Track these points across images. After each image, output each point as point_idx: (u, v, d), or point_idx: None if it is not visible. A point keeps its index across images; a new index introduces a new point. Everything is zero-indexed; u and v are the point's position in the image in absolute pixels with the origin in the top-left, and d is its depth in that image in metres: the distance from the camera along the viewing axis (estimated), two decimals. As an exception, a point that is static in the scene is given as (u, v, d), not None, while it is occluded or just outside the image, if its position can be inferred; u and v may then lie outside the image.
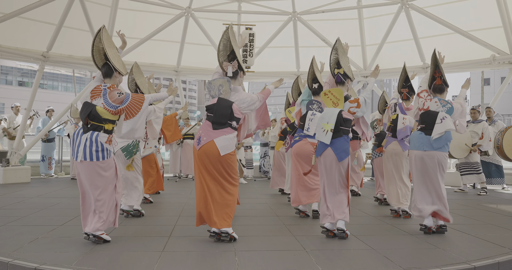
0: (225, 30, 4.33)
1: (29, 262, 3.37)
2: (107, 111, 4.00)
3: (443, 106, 4.59)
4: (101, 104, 4.00)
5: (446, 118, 4.52)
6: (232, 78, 4.29)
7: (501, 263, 3.59)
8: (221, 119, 4.13)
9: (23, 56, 9.89)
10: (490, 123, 8.85)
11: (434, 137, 4.54)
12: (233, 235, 4.13)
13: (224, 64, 4.30)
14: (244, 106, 4.26)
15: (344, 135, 4.38)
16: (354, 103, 4.45)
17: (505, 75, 20.89)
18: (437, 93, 4.74)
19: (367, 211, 6.08)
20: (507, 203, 6.98)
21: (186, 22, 11.56)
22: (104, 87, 4.05)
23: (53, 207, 6.08)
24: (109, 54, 4.09)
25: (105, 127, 4.03)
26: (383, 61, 11.86)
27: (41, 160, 10.44)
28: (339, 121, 4.34)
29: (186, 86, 75.15)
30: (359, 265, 3.45)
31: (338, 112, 4.36)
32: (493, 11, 9.66)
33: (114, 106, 4.01)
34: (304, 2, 11.60)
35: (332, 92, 4.45)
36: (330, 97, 4.46)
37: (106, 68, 4.13)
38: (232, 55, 4.33)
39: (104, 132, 4.03)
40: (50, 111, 10.74)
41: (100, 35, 4.08)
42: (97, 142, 3.97)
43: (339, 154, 4.32)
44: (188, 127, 10.64)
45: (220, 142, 4.07)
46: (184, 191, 8.24)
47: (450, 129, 4.50)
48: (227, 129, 4.14)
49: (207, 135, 4.13)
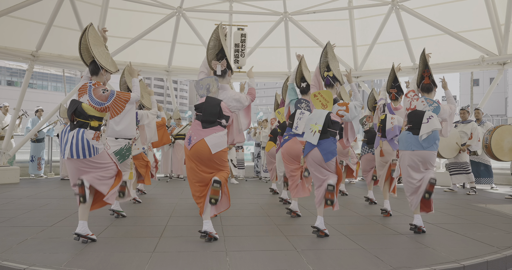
0: (215, 29, 4.36)
1: (18, 264, 3.33)
2: (92, 107, 4.00)
3: (429, 105, 4.65)
4: (87, 101, 4.01)
5: (433, 117, 4.56)
6: (221, 76, 4.32)
7: (490, 262, 3.63)
8: (210, 117, 4.14)
9: (12, 55, 9.79)
10: (479, 124, 8.93)
11: (423, 137, 4.59)
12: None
13: (213, 63, 4.32)
14: (232, 105, 4.29)
15: (331, 137, 4.43)
16: (343, 106, 4.50)
17: (493, 76, 21.13)
18: (425, 93, 4.80)
19: (358, 211, 6.11)
20: (496, 203, 7.06)
21: (177, 22, 11.54)
22: (89, 84, 4.07)
23: (42, 208, 6.03)
24: (95, 52, 4.10)
25: (91, 124, 4.02)
26: (374, 62, 11.96)
27: (30, 161, 10.33)
28: (327, 123, 4.39)
29: (177, 86, 74.92)
30: (349, 265, 3.47)
31: (327, 114, 4.40)
32: (482, 13, 9.78)
33: (99, 102, 4.01)
34: (295, 3, 11.64)
35: (322, 94, 4.51)
36: (320, 99, 4.52)
37: (93, 65, 4.15)
38: (221, 53, 4.35)
39: (90, 128, 4.01)
40: (40, 111, 10.63)
41: (87, 33, 4.08)
42: (83, 140, 3.95)
43: (325, 155, 4.38)
44: (179, 128, 10.62)
45: (210, 141, 4.08)
46: (175, 191, 8.21)
47: (437, 128, 4.55)
48: (216, 127, 4.15)
49: (197, 134, 4.14)
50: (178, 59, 12.24)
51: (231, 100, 4.26)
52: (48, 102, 34.13)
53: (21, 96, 9.88)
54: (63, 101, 10.70)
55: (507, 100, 40.59)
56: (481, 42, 9.99)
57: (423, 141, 4.59)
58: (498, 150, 7.69)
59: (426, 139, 4.59)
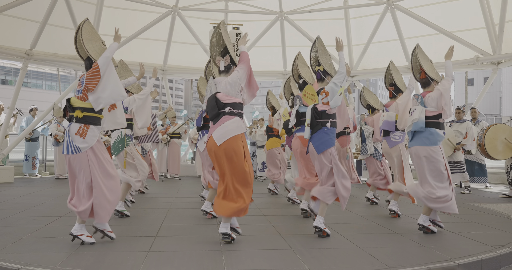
0: (217, 26, 4.39)
1: (12, 263, 3.32)
2: (76, 98, 3.98)
3: (417, 100, 4.80)
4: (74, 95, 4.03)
5: (416, 109, 4.69)
6: (224, 72, 4.31)
7: (484, 261, 3.65)
8: (212, 111, 4.14)
9: (6, 54, 9.72)
10: (475, 123, 8.98)
11: (407, 130, 4.73)
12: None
13: (217, 59, 4.35)
14: (229, 89, 4.12)
15: (323, 127, 4.46)
16: (323, 93, 4.55)
17: (488, 76, 21.23)
18: (424, 87, 4.92)
19: (354, 210, 6.12)
20: (490, 202, 7.10)
21: (172, 21, 11.51)
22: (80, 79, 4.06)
23: (37, 207, 5.99)
24: (88, 47, 4.07)
25: (74, 115, 3.95)
26: (369, 61, 11.99)
27: (24, 160, 10.28)
28: (313, 115, 4.47)
29: (172, 85, 74.72)
30: (345, 264, 3.48)
31: (311, 107, 4.50)
32: (476, 13, 9.82)
33: (78, 90, 3.98)
34: (291, 2, 11.65)
35: (307, 90, 4.63)
36: (308, 96, 4.63)
37: (88, 61, 4.13)
38: (224, 50, 4.36)
39: (76, 121, 3.94)
40: (34, 110, 10.58)
41: (81, 28, 4.06)
42: (68, 135, 3.92)
43: (317, 146, 4.43)
44: (174, 126, 10.58)
45: (215, 134, 4.05)
46: (170, 190, 8.19)
47: (415, 119, 4.63)
48: (223, 118, 4.08)
49: (209, 132, 4.17)
50: (173, 58, 12.21)
51: (225, 86, 4.13)
52: (42, 101, 33.93)
53: (15, 95, 9.82)
54: (58, 100, 10.63)
55: (501, 100, 40.83)
56: (476, 42, 10.04)
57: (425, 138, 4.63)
58: (492, 148, 7.73)
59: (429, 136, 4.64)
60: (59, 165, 10.04)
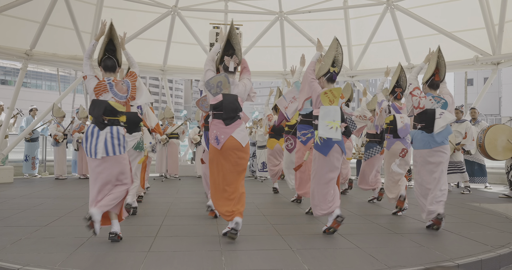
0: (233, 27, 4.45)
1: (12, 264, 3.32)
2: (119, 103, 4.06)
3: (437, 102, 4.76)
4: (112, 98, 4.03)
5: (444, 112, 4.68)
6: (232, 72, 4.35)
7: (484, 261, 3.65)
8: (232, 113, 4.21)
9: (5, 54, 9.71)
10: (474, 123, 8.98)
11: (437, 131, 4.67)
12: None
13: (225, 59, 4.36)
14: (245, 97, 4.42)
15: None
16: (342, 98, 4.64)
17: (487, 76, 21.23)
18: (432, 89, 4.90)
19: (354, 210, 6.12)
20: (490, 202, 7.10)
21: (172, 21, 11.50)
22: (108, 82, 4.06)
23: (36, 207, 5.99)
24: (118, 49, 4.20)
25: (120, 120, 4.08)
26: (369, 61, 11.98)
27: (24, 160, 10.27)
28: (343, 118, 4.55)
29: (172, 86, 74.72)
30: (345, 264, 3.48)
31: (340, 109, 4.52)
32: (476, 13, 9.82)
33: (123, 96, 4.08)
34: (290, 2, 11.64)
35: (332, 91, 4.46)
36: (329, 96, 4.44)
37: (111, 62, 4.16)
38: (232, 50, 4.38)
39: (121, 125, 4.11)
40: (34, 110, 10.57)
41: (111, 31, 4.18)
42: (119, 135, 4.02)
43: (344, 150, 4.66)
44: (173, 127, 10.57)
45: (238, 135, 4.21)
46: (170, 191, 8.19)
47: (451, 120, 4.68)
48: (237, 121, 4.25)
49: (223, 132, 4.20)
50: (173, 58, 12.20)
51: (243, 93, 4.35)
52: (42, 101, 33.89)
53: (15, 95, 9.81)
54: (57, 100, 10.63)
55: (501, 100, 40.82)
56: (475, 42, 10.04)
57: (436, 135, 4.65)
58: (492, 149, 7.73)
59: (439, 133, 4.65)
60: (59, 165, 10.04)
